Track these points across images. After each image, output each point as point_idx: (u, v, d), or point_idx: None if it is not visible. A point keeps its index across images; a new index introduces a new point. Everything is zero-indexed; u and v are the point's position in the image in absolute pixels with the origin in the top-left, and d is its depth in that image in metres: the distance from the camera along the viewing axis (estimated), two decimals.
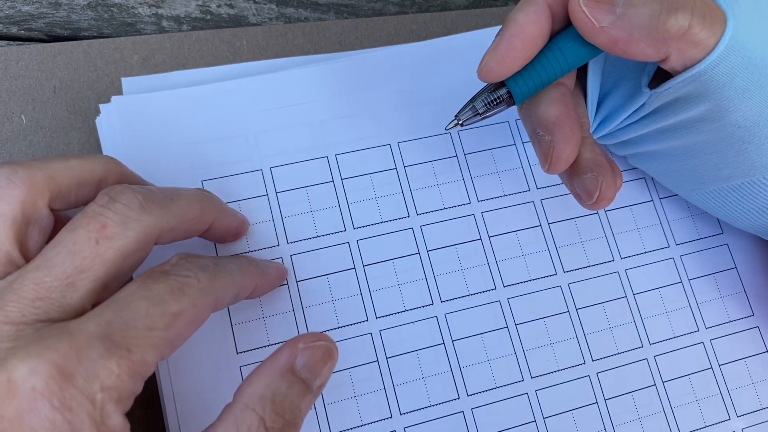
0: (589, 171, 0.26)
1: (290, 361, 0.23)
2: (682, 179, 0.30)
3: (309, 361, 0.23)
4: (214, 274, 0.23)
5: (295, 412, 0.22)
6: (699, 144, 0.27)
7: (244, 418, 0.21)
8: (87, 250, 0.21)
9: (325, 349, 0.24)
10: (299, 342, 0.23)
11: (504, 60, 0.24)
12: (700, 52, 0.23)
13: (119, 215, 0.21)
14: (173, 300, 0.21)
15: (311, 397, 0.23)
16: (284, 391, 0.22)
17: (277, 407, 0.22)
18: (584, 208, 0.28)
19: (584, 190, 0.26)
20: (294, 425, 0.22)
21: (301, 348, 0.23)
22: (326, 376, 0.24)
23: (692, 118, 0.25)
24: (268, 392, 0.22)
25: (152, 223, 0.22)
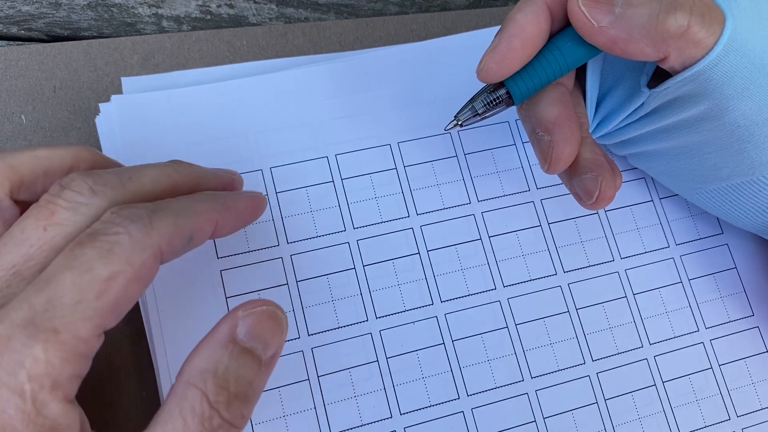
0: (588, 171, 0.26)
1: (231, 332, 0.21)
2: (681, 178, 0.30)
3: (252, 328, 0.21)
4: (150, 224, 0.20)
5: (242, 383, 0.21)
6: (698, 143, 0.27)
7: (186, 396, 0.20)
8: (34, 237, 0.20)
9: (268, 314, 0.22)
10: (239, 310, 0.22)
11: (503, 60, 0.24)
12: (699, 52, 0.23)
13: (68, 201, 0.20)
14: (101, 264, 0.19)
15: (262, 367, 0.22)
16: (227, 363, 0.21)
17: (220, 380, 0.20)
18: (584, 208, 0.28)
19: (584, 190, 0.26)
20: (244, 398, 0.21)
21: (241, 316, 0.21)
22: (276, 344, 0.22)
23: (691, 117, 0.25)
24: (209, 366, 0.20)
25: (103, 206, 0.21)
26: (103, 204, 0.21)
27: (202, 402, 0.20)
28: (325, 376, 0.29)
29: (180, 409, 0.20)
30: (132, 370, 0.30)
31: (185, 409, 0.20)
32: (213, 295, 0.29)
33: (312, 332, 0.29)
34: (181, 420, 0.20)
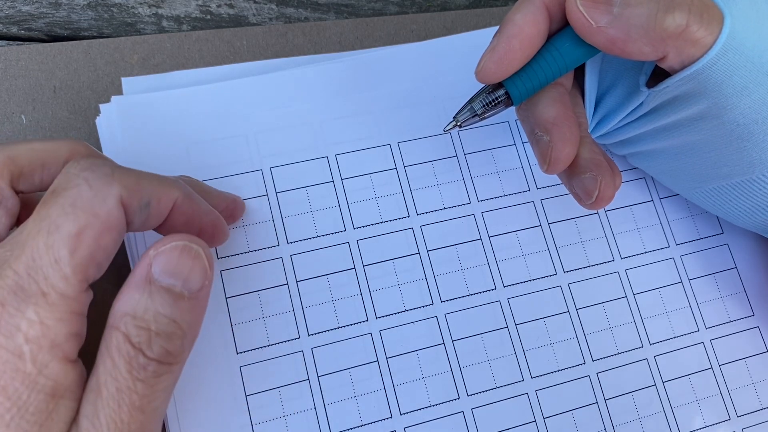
0: (587, 171, 0.26)
1: (144, 271, 0.21)
2: (681, 177, 0.30)
3: (166, 266, 0.21)
4: (111, 174, 0.20)
5: (164, 322, 0.20)
6: (698, 142, 0.27)
7: (111, 339, 0.20)
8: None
9: (181, 249, 0.21)
10: (150, 249, 0.21)
11: (502, 61, 0.24)
12: (697, 51, 0.23)
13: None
14: (68, 220, 0.19)
15: (185, 303, 0.21)
16: (145, 304, 0.20)
17: (139, 321, 0.20)
18: (583, 207, 0.28)
19: (583, 189, 0.26)
20: (168, 337, 0.20)
21: (152, 255, 0.21)
22: (198, 277, 0.21)
23: (690, 116, 0.25)
24: (128, 308, 0.20)
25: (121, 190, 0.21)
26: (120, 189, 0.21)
27: (126, 343, 0.20)
28: (325, 376, 0.29)
29: (108, 350, 0.20)
30: None
31: (112, 351, 0.20)
32: (213, 295, 0.29)
33: (312, 332, 0.29)
34: (110, 360, 0.20)
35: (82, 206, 0.19)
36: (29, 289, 0.19)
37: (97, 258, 0.20)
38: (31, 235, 0.19)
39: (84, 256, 0.19)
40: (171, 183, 0.23)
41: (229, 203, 0.28)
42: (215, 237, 0.26)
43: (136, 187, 0.21)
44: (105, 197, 0.20)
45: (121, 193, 0.20)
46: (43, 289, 0.19)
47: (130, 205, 0.21)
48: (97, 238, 0.20)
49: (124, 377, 0.20)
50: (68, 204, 0.19)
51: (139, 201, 0.21)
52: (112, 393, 0.20)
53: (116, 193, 0.20)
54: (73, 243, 0.19)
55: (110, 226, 0.20)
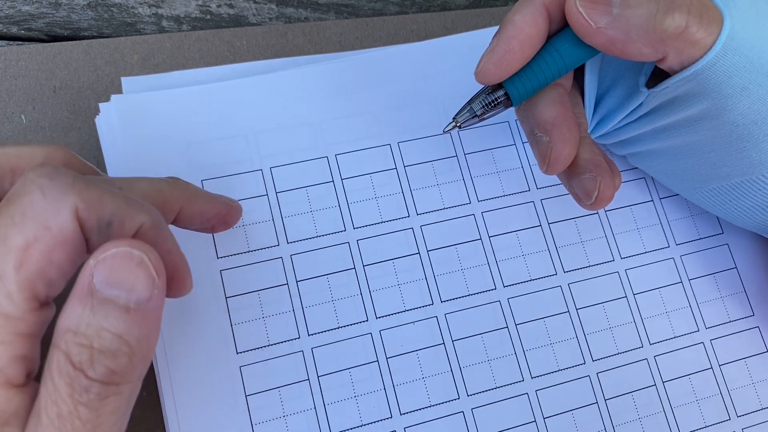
0: (587, 171, 0.26)
1: (86, 282, 0.18)
2: (681, 178, 0.30)
3: (108, 275, 0.18)
4: (71, 184, 0.18)
5: (107, 338, 0.18)
6: (698, 143, 0.27)
7: (52, 359, 0.18)
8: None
9: (122, 256, 0.18)
10: (91, 258, 0.18)
11: (501, 62, 0.24)
12: (697, 52, 0.23)
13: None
14: (15, 232, 0.17)
15: (132, 316, 0.18)
16: (87, 319, 0.18)
17: (79, 338, 0.18)
18: (583, 208, 0.28)
19: (583, 190, 0.26)
20: (112, 355, 0.18)
21: (92, 265, 0.18)
22: (145, 286, 0.19)
23: (690, 117, 0.25)
24: (70, 323, 0.18)
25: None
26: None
27: (66, 363, 0.18)
28: (325, 376, 0.29)
29: (48, 372, 0.18)
30: None
31: (52, 372, 0.18)
32: (213, 295, 0.29)
33: (312, 332, 0.29)
34: (50, 382, 0.18)
35: (33, 216, 0.18)
36: None
37: (48, 275, 0.18)
38: None
39: (31, 272, 0.18)
40: (140, 208, 0.20)
41: (221, 209, 0.26)
42: (172, 284, 0.22)
43: (98, 203, 0.19)
44: (59, 208, 0.18)
45: (78, 206, 0.18)
46: None
47: (88, 221, 0.19)
48: (48, 253, 0.18)
49: (65, 401, 0.18)
50: (18, 213, 0.18)
51: (99, 219, 0.19)
52: (52, 419, 0.18)
53: (71, 205, 0.18)
54: (20, 257, 0.17)
55: (63, 240, 0.18)
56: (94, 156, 0.32)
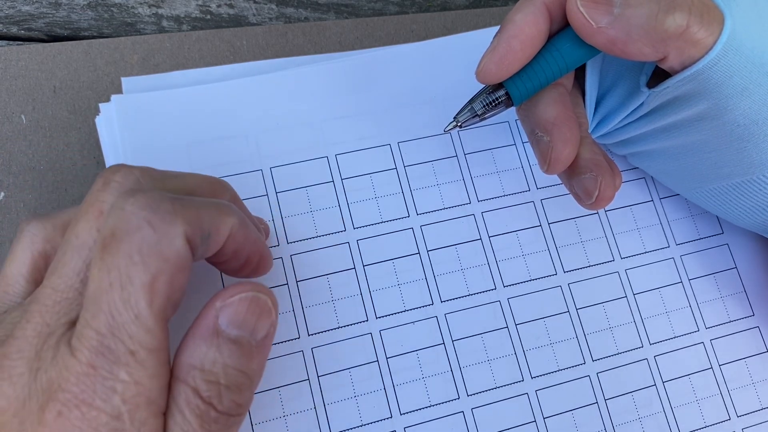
0: (587, 171, 0.26)
1: (211, 323, 0.20)
2: (681, 177, 0.30)
3: (234, 318, 0.20)
4: (173, 211, 0.19)
5: (232, 374, 0.20)
6: (698, 143, 0.27)
7: (179, 393, 0.19)
8: (90, 239, 0.20)
9: (250, 301, 0.21)
10: (216, 301, 0.20)
11: (502, 62, 0.24)
12: (698, 52, 0.23)
13: (113, 196, 0.20)
14: (139, 271, 0.18)
15: (253, 353, 0.21)
16: (213, 357, 0.20)
17: (207, 375, 0.20)
18: (584, 208, 0.28)
19: (583, 190, 0.26)
20: (236, 388, 0.20)
21: (218, 307, 0.20)
22: (265, 327, 0.21)
23: (691, 117, 0.25)
24: (195, 361, 0.20)
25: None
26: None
27: (196, 398, 0.19)
28: (325, 376, 0.29)
29: (176, 405, 0.19)
30: None
31: (181, 405, 0.19)
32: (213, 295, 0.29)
33: (312, 332, 0.29)
34: (179, 415, 0.19)
35: (150, 252, 0.18)
36: (117, 349, 0.18)
37: (174, 299, 0.19)
38: (103, 290, 0.18)
39: (162, 303, 0.19)
40: (227, 210, 0.22)
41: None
42: (260, 267, 0.25)
43: (198, 220, 0.20)
44: (172, 239, 0.19)
45: (186, 230, 0.19)
46: (130, 348, 0.18)
47: (193, 240, 0.20)
48: (171, 282, 0.19)
49: (196, 431, 0.19)
50: (135, 252, 0.18)
51: (201, 234, 0.20)
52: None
53: (181, 233, 0.19)
54: (149, 294, 0.18)
55: (181, 266, 0.19)
56: (94, 156, 0.32)
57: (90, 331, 0.18)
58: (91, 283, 0.19)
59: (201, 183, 0.23)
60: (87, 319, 0.18)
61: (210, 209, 0.21)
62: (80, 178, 0.32)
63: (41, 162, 0.31)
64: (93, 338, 0.18)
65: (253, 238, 0.23)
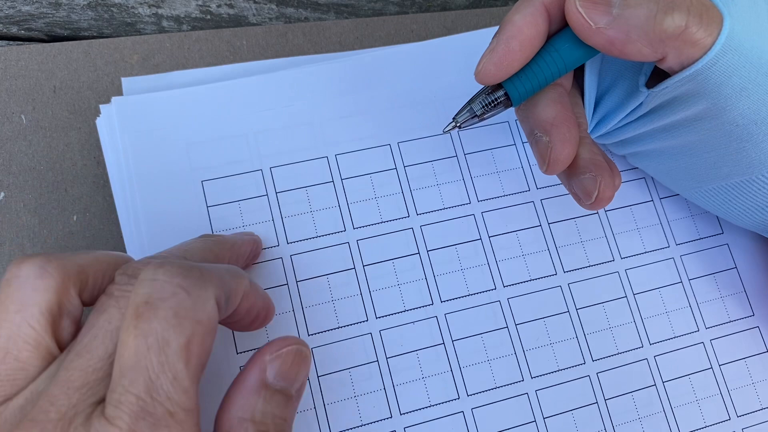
0: (587, 171, 0.26)
1: (261, 377, 0.22)
2: (681, 178, 0.30)
3: (280, 370, 0.22)
4: (202, 276, 0.21)
5: (279, 423, 0.22)
6: (697, 143, 0.27)
7: None
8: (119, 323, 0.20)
9: (294, 354, 0.23)
10: (265, 355, 0.22)
11: (501, 62, 0.24)
12: (697, 52, 0.23)
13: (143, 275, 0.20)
14: (175, 334, 0.19)
15: (293, 402, 0.22)
16: (262, 408, 0.21)
17: (259, 426, 0.21)
18: (583, 208, 0.28)
19: (583, 190, 0.26)
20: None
21: (268, 360, 0.22)
22: (304, 378, 0.23)
23: (690, 116, 0.25)
24: (246, 414, 0.21)
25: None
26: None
27: None
28: (325, 376, 0.29)
29: None
30: None
31: None
32: None
33: (312, 332, 0.29)
34: None
35: (186, 315, 0.19)
36: (156, 412, 0.19)
37: (203, 360, 0.20)
38: (141, 354, 0.19)
39: (196, 364, 0.19)
40: (240, 273, 0.23)
41: (252, 247, 0.28)
42: (266, 319, 0.26)
43: (221, 284, 0.21)
44: (204, 302, 0.20)
45: (216, 294, 0.21)
46: (169, 409, 0.19)
47: (220, 303, 0.21)
48: (203, 343, 0.20)
49: None
50: (171, 316, 0.19)
51: (226, 297, 0.22)
52: None
53: (213, 296, 0.20)
54: (185, 354, 0.19)
55: (212, 327, 0.20)
56: (94, 156, 0.32)
57: (129, 396, 0.19)
58: (125, 350, 0.19)
59: (205, 249, 0.25)
60: (125, 386, 0.19)
61: (227, 274, 0.22)
62: (80, 178, 0.32)
63: (41, 162, 0.31)
64: (133, 403, 0.19)
65: (261, 294, 0.25)
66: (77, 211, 0.31)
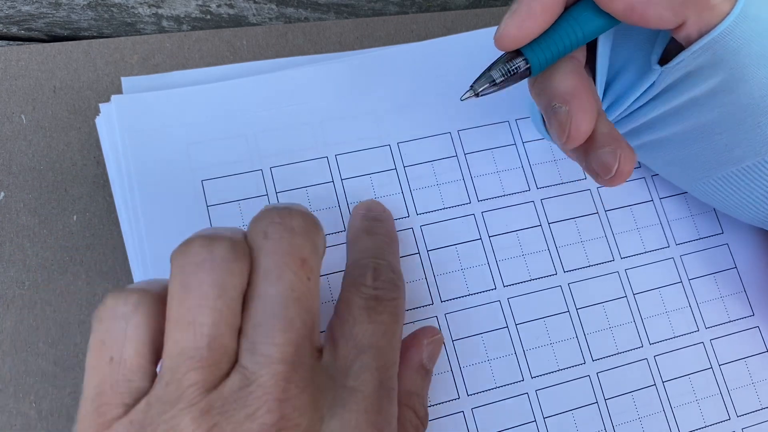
0: (606, 145, 0.25)
1: (420, 358, 0.27)
2: (689, 168, 0.29)
3: (431, 354, 0.27)
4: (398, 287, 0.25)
5: (424, 396, 0.27)
6: (710, 123, 0.26)
7: (405, 415, 0.25)
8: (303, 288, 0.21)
9: (440, 341, 0.28)
10: (423, 339, 0.27)
11: (523, 24, 0.24)
12: (715, 18, 0.22)
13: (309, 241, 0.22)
14: (397, 326, 0.24)
15: (430, 378, 0.28)
16: (420, 383, 0.26)
17: (421, 399, 0.26)
18: (601, 184, 0.27)
19: (602, 164, 0.25)
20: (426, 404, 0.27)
21: (425, 344, 0.27)
22: (437, 359, 0.28)
23: (704, 93, 0.25)
24: (413, 388, 0.26)
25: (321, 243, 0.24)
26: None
27: (414, 417, 0.25)
28: None
29: (402, 425, 0.24)
30: None
31: (406, 425, 0.25)
32: None
33: None
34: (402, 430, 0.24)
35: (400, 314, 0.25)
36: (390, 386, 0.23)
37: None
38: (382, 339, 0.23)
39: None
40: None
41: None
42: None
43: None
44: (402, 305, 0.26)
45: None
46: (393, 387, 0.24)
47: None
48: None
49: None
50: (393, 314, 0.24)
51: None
52: None
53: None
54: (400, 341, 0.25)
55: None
56: (94, 156, 0.32)
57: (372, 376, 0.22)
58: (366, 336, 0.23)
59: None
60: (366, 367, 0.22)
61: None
62: (80, 178, 0.32)
63: (41, 162, 0.31)
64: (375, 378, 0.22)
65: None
66: (77, 211, 0.31)
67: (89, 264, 0.31)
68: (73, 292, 0.30)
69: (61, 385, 0.29)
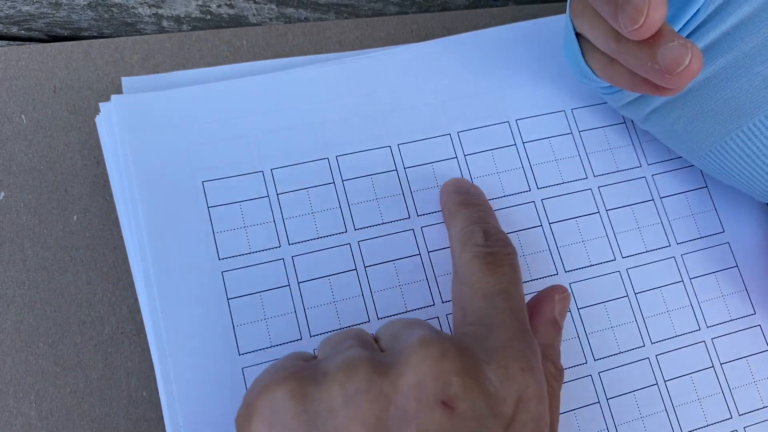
0: (675, 38, 0.24)
1: (552, 312, 0.27)
2: (718, 117, 0.28)
3: (562, 310, 0.28)
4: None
5: (558, 349, 0.27)
6: (753, 51, 0.26)
7: (545, 367, 0.26)
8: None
9: (568, 298, 0.28)
10: (555, 294, 0.28)
11: None
12: None
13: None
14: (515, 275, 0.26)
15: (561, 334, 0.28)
16: (554, 336, 0.27)
17: (555, 352, 0.27)
18: (663, 85, 0.25)
19: (672, 59, 0.23)
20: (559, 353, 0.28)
21: (557, 299, 0.27)
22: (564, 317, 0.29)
23: (751, 13, 0.25)
24: (548, 340, 0.27)
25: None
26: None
27: (551, 368, 0.26)
28: None
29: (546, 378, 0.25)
30: (132, 370, 0.30)
31: (546, 376, 0.25)
32: (215, 296, 0.28)
33: (314, 333, 0.29)
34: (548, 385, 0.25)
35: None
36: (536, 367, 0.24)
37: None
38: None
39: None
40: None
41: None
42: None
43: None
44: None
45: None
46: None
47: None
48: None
49: (553, 389, 0.26)
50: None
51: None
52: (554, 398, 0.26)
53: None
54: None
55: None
56: (94, 156, 0.32)
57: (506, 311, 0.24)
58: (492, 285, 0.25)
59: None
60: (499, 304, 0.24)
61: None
62: (80, 178, 0.32)
63: (41, 162, 0.31)
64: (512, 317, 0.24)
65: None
66: (77, 211, 0.31)
67: (89, 264, 0.31)
68: (73, 292, 0.30)
69: (61, 385, 0.29)
